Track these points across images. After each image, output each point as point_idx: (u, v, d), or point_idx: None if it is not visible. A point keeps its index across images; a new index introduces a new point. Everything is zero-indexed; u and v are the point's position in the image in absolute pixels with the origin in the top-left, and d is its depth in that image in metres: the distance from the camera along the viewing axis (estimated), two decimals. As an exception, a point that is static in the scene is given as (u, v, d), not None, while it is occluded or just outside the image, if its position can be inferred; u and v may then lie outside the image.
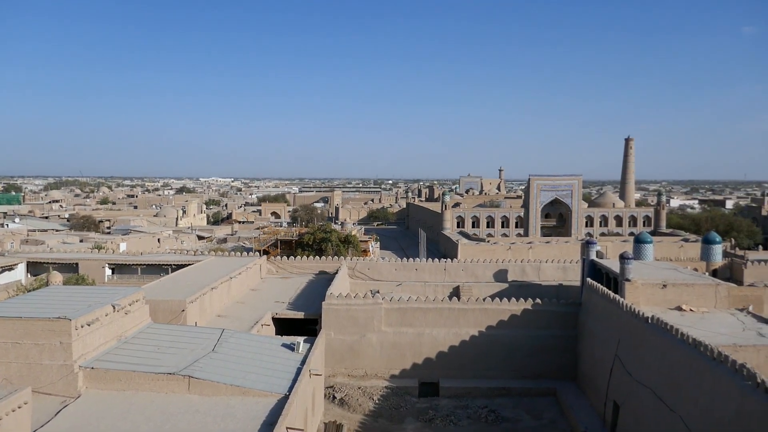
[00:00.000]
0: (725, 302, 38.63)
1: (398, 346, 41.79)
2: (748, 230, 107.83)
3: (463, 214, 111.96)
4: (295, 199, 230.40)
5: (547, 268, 54.78)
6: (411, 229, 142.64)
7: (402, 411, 37.17)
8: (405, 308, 42.30)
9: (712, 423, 22.34)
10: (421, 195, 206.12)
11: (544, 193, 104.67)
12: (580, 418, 34.92)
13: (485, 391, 39.85)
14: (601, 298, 38.32)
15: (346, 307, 41.79)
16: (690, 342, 25.83)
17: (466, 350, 41.61)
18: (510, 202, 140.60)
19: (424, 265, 55.36)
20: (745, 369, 21.34)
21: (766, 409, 19.26)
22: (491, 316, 41.94)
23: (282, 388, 24.78)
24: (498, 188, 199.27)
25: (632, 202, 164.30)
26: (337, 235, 73.37)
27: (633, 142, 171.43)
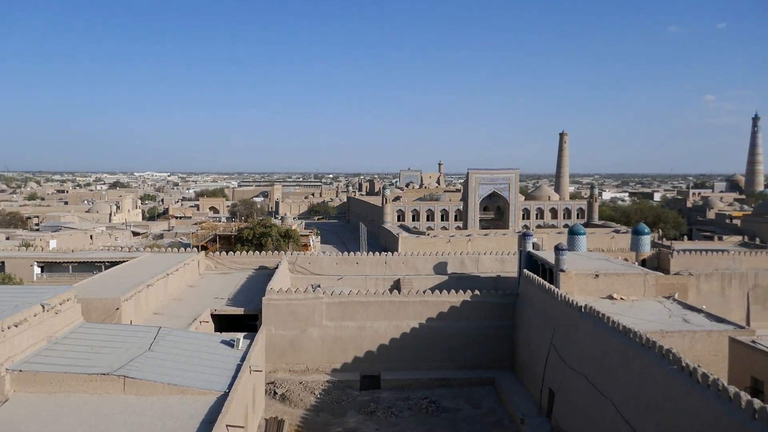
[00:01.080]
0: (653, 290, 40.32)
1: (340, 340, 41.82)
2: (675, 221, 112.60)
3: (404, 208, 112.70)
4: (234, 194, 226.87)
5: (485, 260, 55.80)
6: (352, 223, 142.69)
7: (344, 404, 37.26)
8: (346, 302, 42.34)
9: (641, 406, 23.32)
10: (362, 189, 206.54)
11: (482, 187, 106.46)
12: (518, 406, 35.82)
13: (426, 382, 40.37)
14: (537, 288, 39.35)
15: (287, 302, 41.51)
16: (620, 329, 26.85)
17: (407, 342, 42.01)
18: (449, 195, 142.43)
19: (365, 259, 55.51)
20: (671, 354, 22.35)
21: (691, 392, 20.23)
22: (431, 308, 42.46)
23: (221, 386, 24.43)
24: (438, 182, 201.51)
25: (567, 194, 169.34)
26: (277, 230, 72.67)
27: (567, 137, 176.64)
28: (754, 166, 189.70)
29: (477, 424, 34.94)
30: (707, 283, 49.95)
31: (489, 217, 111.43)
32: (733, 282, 50.35)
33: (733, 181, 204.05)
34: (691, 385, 20.27)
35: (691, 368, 20.75)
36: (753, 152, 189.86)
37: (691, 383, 20.34)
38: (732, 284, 50.35)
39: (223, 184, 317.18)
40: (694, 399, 19.96)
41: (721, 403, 18.53)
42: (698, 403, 19.67)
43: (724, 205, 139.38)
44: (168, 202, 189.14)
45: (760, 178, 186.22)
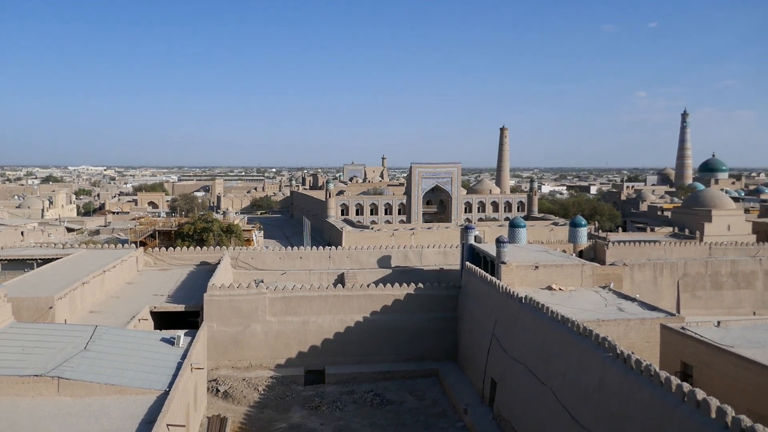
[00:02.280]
0: (590, 281, 41.60)
1: (283, 335, 41.52)
2: (610, 214, 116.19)
3: (348, 202, 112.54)
4: (174, 189, 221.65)
5: (428, 253, 56.32)
6: (295, 217, 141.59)
7: (288, 400, 37.05)
8: (290, 297, 42.05)
9: (579, 393, 24.06)
10: (306, 183, 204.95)
11: (425, 181, 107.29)
12: (461, 397, 36.40)
13: (370, 375, 40.55)
14: (479, 280, 40.01)
15: (229, 297, 40.91)
16: (559, 319, 27.60)
17: (351, 336, 42.06)
18: (393, 189, 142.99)
19: (308, 253, 55.21)
20: (607, 342, 23.13)
21: (625, 377, 21.00)
22: (375, 302, 42.63)
23: (161, 385, 23.91)
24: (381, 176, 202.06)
25: (507, 188, 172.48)
26: (219, 225, 71.46)
27: (507, 131, 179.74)
28: (684, 160, 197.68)
29: (421, 415, 35.33)
30: (640, 273, 51.90)
31: (432, 210, 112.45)
32: (665, 271, 52.47)
33: (664, 175, 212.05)
34: (626, 372, 21.04)
35: (625, 355, 21.52)
36: (682, 147, 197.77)
37: (626, 369, 21.11)
38: (663, 273, 52.46)
39: (162, 179, 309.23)
40: (628, 384, 20.73)
41: (653, 387, 19.29)
42: (632, 388, 20.44)
43: (655, 197, 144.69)
44: (104, 197, 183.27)
45: (688, 171, 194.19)
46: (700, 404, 17.08)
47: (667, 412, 18.30)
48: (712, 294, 53.30)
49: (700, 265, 53.49)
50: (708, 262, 53.66)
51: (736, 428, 15.47)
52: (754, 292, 53.87)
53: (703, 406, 16.92)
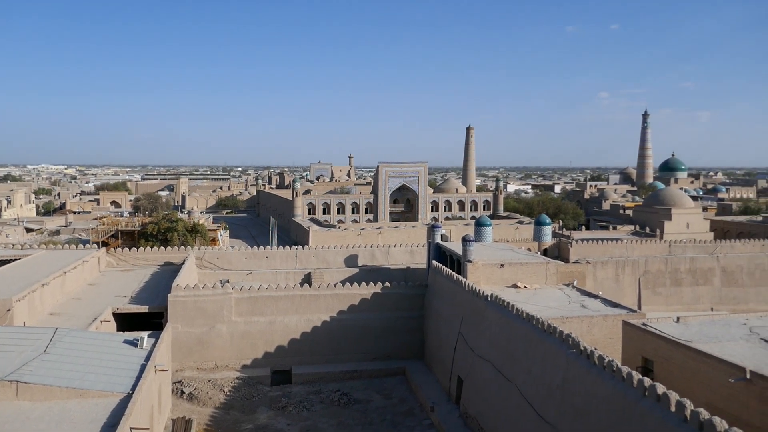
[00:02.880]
0: (554, 278, 42.23)
1: (249, 335, 41.19)
2: (573, 212, 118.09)
3: (314, 201, 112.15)
4: (137, 188, 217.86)
5: (395, 252, 56.46)
6: (262, 216, 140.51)
7: (254, 401, 36.78)
8: (256, 297, 41.73)
9: (544, 389, 24.41)
10: (272, 182, 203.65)
11: (392, 180, 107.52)
12: (428, 394, 36.60)
13: (338, 374, 40.50)
14: (445, 279, 40.27)
15: (194, 298, 40.41)
16: (524, 316, 27.96)
17: (318, 336, 41.94)
18: (360, 188, 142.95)
19: (275, 253, 54.85)
20: (571, 338, 23.52)
21: (588, 373, 21.37)
22: (342, 301, 42.58)
23: (125, 387, 23.51)
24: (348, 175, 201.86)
25: (473, 187, 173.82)
26: (183, 225, 70.44)
27: (473, 131, 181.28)
28: (645, 160, 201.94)
29: (388, 414, 35.42)
30: (603, 271, 52.83)
31: (399, 209, 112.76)
32: (626, 269, 53.52)
33: (626, 174, 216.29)
34: (589, 367, 21.42)
35: (588, 351, 21.91)
36: (643, 146, 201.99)
37: (589, 365, 21.50)
38: (625, 271, 53.50)
39: (125, 178, 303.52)
40: (591, 379, 21.11)
41: (615, 382, 19.69)
42: (595, 383, 20.82)
43: (617, 196, 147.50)
44: (65, 197, 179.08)
45: (649, 171, 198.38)
46: (660, 398, 17.48)
47: (628, 407, 18.69)
48: (671, 290, 54.55)
49: (661, 262, 54.69)
50: (668, 260, 54.91)
51: (694, 421, 15.88)
52: (711, 289, 55.31)
53: (663, 400, 17.32)
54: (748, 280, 56.10)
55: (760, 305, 52.58)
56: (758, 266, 56.30)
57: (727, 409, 22.59)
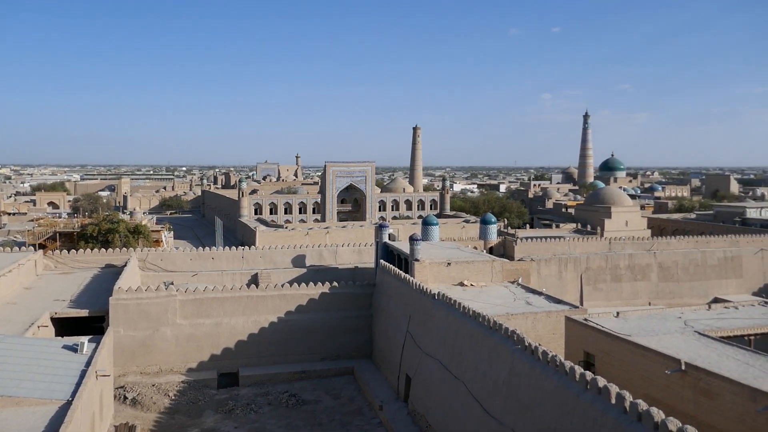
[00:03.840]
0: (500, 276, 42.97)
1: (195, 338, 40.46)
2: (518, 211, 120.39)
3: (261, 201, 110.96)
4: (76, 188, 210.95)
5: (343, 252, 56.41)
6: (207, 217, 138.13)
7: (200, 405, 36.16)
8: (201, 299, 41.03)
9: (490, 385, 24.83)
10: (218, 182, 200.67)
11: (339, 179, 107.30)
12: (376, 393, 36.71)
13: (286, 376, 40.22)
14: (393, 278, 40.47)
15: (137, 301, 39.42)
16: (470, 314, 28.37)
17: (265, 337, 41.54)
18: (307, 188, 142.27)
19: (221, 254, 54.05)
20: (516, 335, 23.99)
21: (533, 368, 21.85)
22: (290, 302, 42.29)
23: (64, 394, 22.76)
24: (295, 175, 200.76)
25: (420, 187, 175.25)
26: (125, 226, 68.64)
27: (420, 131, 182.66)
28: (586, 160, 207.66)
29: (337, 414, 35.38)
30: (547, 268, 54.12)
31: (347, 209, 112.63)
32: (569, 266, 54.95)
33: (568, 174, 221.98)
34: (533, 363, 21.91)
35: (533, 347, 22.40)
36: (584, 147, 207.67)
37: (533, 360, 21.99)
38: (568, 268, 54.93)
39: (63, 178, 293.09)
40: (535, 375, 21.59)
41: (559, 377, 20.20)
42: (539, 378, 21.30)
43: (560, 195, 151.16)
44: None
45: (590, 170, 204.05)
46: (601, 391, 18.03)
47: (571, 400, 19.20)
48: (612, 286, 56.32)
49: (601, 259, 56.38)
50: (608, 257, 56.64)
51: (633, 412, 16.44)
52: (649, 284, 57.36)
53: (604, 393, 17.87)
54: (683, 275, 58.40)
55: (694, 299, 54.83)
56: (692, 262, 58.68)
57: (664, 400, 23.48)
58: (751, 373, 22.99)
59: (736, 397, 21.15)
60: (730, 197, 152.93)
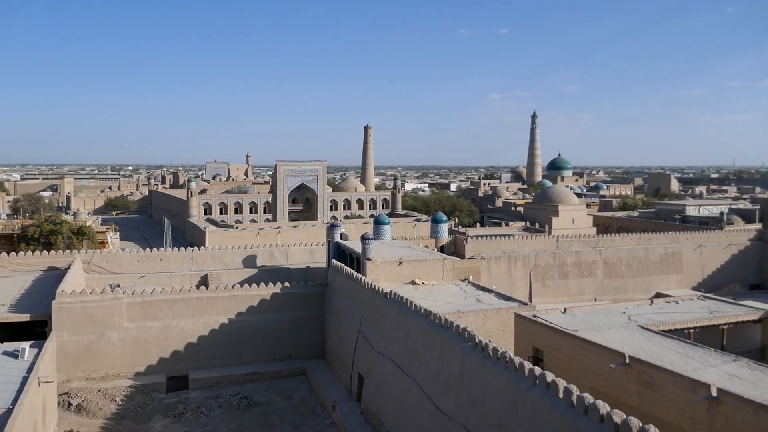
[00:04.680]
0: (451, 274, 43.45)
1: (143, 341, 39.60)
2: (469, 210, 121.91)
3: (211, 201, 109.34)
4: (16, 188, 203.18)
5: (295, 252, 56.05)
6: (155, 217, 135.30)
7: (149, 409, 35.41)
8: (149, 301, 40.18)
9: (441, 382, 25.09)
10: (165, 182, 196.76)
11: (291, 179, 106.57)
12: (329, 393, 36.65)
13: (237, 378, 39.75)
14: (345, 277, 40.47)
15: (82, 304, 38.32)
16: (422, 312, 28.60)
17: (216, 339, 40.98)
18: (258, 188, 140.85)
19: (169, 255, 52.98)
20: (467, 332, 24.31)
21: (483, 365, 22.19)
22: (241, 303, 41.83)
23: (4, 402, 21.98)
24: (246, 174, 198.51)
25: (372, 186, 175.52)
26: (68, 227, 66.71)
27: (371, 130, 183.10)
28: (534, 159, 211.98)
29: (290, 415, 35.17)
30: (496, 266, 55.00)
31: (298, 209, 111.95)
32: (518, 263, 55.99)
33: (517, 173, 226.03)
34: (484, 359, 22.25)
35: (483, 344, 22.75)
36: (532, 146, 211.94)
37: (484, 357, 22.33)
38: (517, 265, 55.95)
39: (2, 177, 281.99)
40: (486, 371, 21.93)
41: (509, 372, 20.57)
42: (490, 374, 21.65)
43: (509, 194, 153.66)
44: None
45: (538, 169, 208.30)
46: (549, 386, 18.44)
47: (521, 395, 19.58)
48: (559, 283, 57.65)
49: (549, 256, 57.64)
50: (556, 254, 57.94)
51: (580, 406, 16.88)
52: (595, 280, 58.94)
53: (552, 388, 18.28)
54: (626, 271, 60.21)
55: (637, 294, 56.61)
56: (635, 258, 60.55)
57: (609, 393, 24.21)
58: (690, 365, 23.93)
59: (677, 388, 21.97)
60: (671, 196, 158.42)
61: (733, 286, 61.31)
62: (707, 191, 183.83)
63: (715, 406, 20.41)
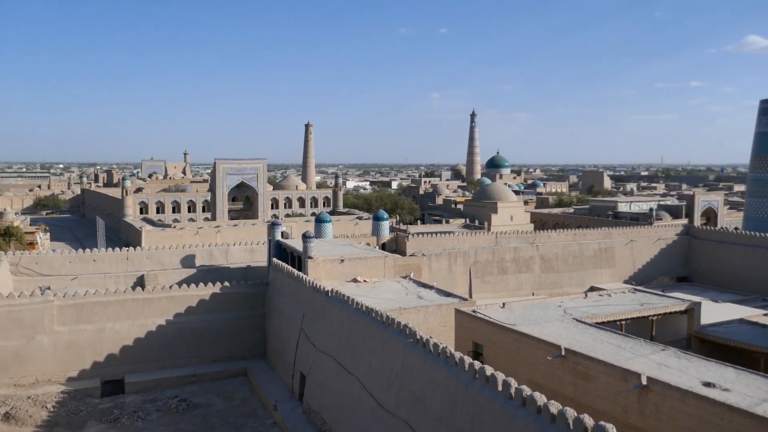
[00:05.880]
0: (392, 271, 43.73)
1: (76, 345, 38.26)
2: (410, 207, 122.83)
3: (147, 200, 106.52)
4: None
5: (235, 251, 55.24)
6: (88, 217, 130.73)
7: (82, 415, 34.27)
8: (82, 303, 38.85)
9: (383, 379, 25.24)
10: (99, 180, 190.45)
11: (230, 177, 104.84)
12: (271, 393, 36.32)
13: (175, 380, 38.93)
14: (286, 276, 40.17)
15: (9, 308, 36.73)
16: (364, 310, 28.68)
17: (153, 341, 40.00)
18: (196, 186, 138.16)
19: (103, 256, 51.34)
20: (408, 329, 24.52)
21: (424, 361, 22.43)
22: (179, 303, 40.96)
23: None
24: (183, 172, 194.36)
25: (313, 184, 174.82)
26: (-7, 228, 63.75)
27: (312, 128, 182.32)
28: (473, 157, 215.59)
29: (230, 416, 34.67)
30: (437, 262, 55.65)
31: (238, 207, 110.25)
32: (458, 260, 56.79)
33: (457, 171, 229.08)
34: (425, 355, 22.49)
35: (424, 340, 23.00)
36: (471, 145, 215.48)
37: (425, 353, 22.58)
38: (457, 262, 56.75)
39: None
40: (427, 367, 22.18)
41: (449, 367, 20.87)
42: (431, 369, 21.91)
43: (449, 191, 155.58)
44: None
45: (478, 167, 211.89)
46: (489, 379, 18.81)
47: (461, 389, 19.90)
48: (498, 278, 58.79)
49: (488, 252, 58.68)
50: (495, 250, 59.04)
51: (518, 398, 17.29)
52: (532, 275, 60.37)
53: (491, 381, 18.66)
54: (562, 266, 61.92)
55: (572, 288, 58.32)
56: (571, 253, 62.34)
57: (546, 384, 24.90)
58: (622, 356, 24.85)
59: (609, 378, 22.79)
60: (604, 192, 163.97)
61: (661, 279, 63.91)
62: (638, 188, 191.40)
63: (645, 394, 21.27)
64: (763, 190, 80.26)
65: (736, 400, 19.59)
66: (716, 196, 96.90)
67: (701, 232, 66.79)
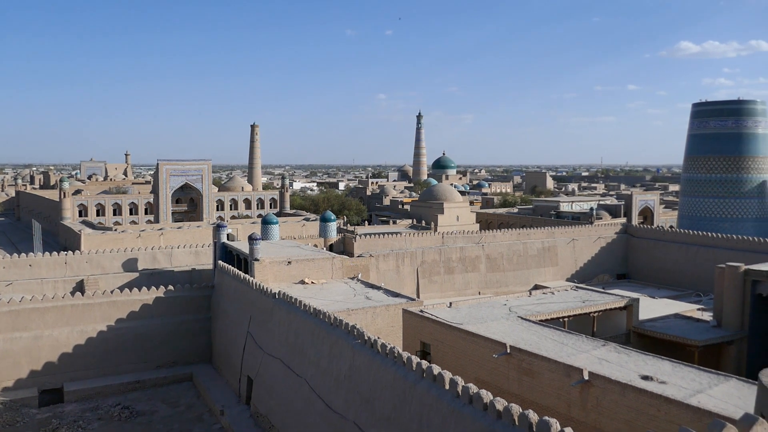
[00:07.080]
0: (340, 272, 43.69)
1: (11, 353, 36.79)
2: (357, 208, 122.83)
3: (86, 202, 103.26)
4: None
5: (179, 254, 54.15)
6: (23, 220, 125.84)
7: (18, 426, 33.00)
8: (17, 310, 37.38)
9: (332, 381, 25.21)
10: (35, 182, 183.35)
11: (174, 178, 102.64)
12: (217, 398, 35.76)
13: (117, 387, 37.92)
14: (232, 279, 39.62)
15: (-62, 317, 35.03)
16: (311, 311, 28.58)
17: (94, 348, 38.84)
18: (138, 188, 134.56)
19: (40, 260, 49.50)
20: (356, 330, 24.56)
21: (372, 361, 22.52)
22: (121, 309, 39.90)
23: None
24: (125, 173, 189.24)
25: (260, 185, 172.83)
26: None
27: (258, 128, 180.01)
28: (419, 158, 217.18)
29: (175, 423, 33.98)
30: (385, 263, 55.83)
31: (182, 209, 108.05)
32: (406, 260, 57.13)
33: (404, 171, 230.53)
34: (373, 355, 22.58)
35: (372, 341, 23.08)
36: (418, 146, 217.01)
37: (373, 353, 22.66)
38: (405, 262, 57.08)
39: None
40: (375, 367, 22.27)
41: (397, 367, 21.01)
42: (379, 370, 22.01)
43: (397, 192, 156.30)
44: None
45: (424, 168, 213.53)
46: (436, 378, 19.02)
47: (409, 389, 20.06)
48: (445, 278, 59.40)
49: (435, 252, 59.24)
50: (441, 250, 59.64)
51: (465, 396, 17.55)
52: (478, 275, 61.25)
53: (438, 380, 18.87)
54: (507, 265, 63.05)
55: (517, 287, 59.45)
56: (515, 252, 63.53)
57: (492, 381, 25.32)
58: (565, 352, 25.49)
59: (553, 374, 23.35)
60: (547, 192, 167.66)
61: (602, 277, 65.86)
62: (579, 188, 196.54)
63: (587, 388, 21.90)
64: (696, 190, 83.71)
65: (672, 392, 20.38)
66: (652, 196, 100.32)
67: (639, 230, 69.12)
